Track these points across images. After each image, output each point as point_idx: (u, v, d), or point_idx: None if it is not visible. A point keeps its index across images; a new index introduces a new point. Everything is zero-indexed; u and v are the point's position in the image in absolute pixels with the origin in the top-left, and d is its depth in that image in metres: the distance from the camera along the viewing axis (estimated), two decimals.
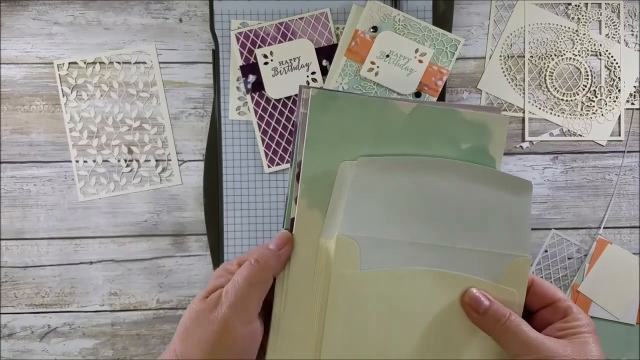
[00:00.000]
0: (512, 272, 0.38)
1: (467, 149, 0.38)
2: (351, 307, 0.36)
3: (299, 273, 0.37)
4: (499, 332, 0.36)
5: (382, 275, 0.36)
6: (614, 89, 0.72)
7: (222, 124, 0.69)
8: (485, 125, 0.38)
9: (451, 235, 0.37)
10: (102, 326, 0.71)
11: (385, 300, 0.36)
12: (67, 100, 0.70)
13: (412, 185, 0.37)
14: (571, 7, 0.72)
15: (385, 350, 0.36)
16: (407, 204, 0.37)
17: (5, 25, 0.70)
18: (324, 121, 0.37)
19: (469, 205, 0.37)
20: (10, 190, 0.70)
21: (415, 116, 0.37)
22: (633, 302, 0.70)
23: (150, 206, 0.71)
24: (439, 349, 0.37)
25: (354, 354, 0.36)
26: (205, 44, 0.71)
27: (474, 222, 0.38)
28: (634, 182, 0.72)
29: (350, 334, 0.36)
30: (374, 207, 0.36)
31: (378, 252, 0.36)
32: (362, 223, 0.36)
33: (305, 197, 0.36)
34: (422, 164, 0.37)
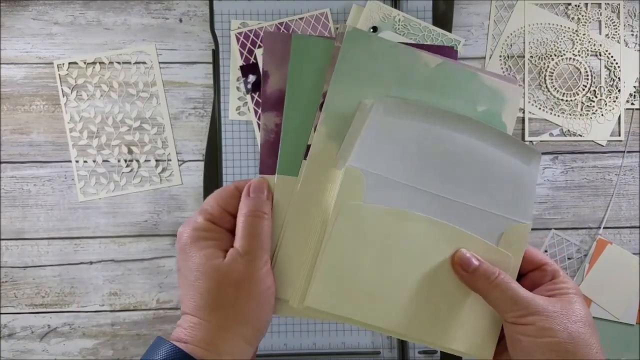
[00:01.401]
0: (511, 236, 0.38)
1: (482, 111, 0.39)
2: (349, 238, 0.36)
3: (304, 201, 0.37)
4: (488, 289, 0.36)
5: (384, 213, 0.37)
6: (614, 89, 0.72)
7: (222, 124, 0.69)
8: (501, 92, 0.39)
9: (457, 190, 0.38)
10: (102, 326, 0.71)
11: (383, 237, 0.37)
12: (67, 100, 0.70)
13: (428, 134, 0.38)
14: (571, 7, 0.72)
15: (374, 287, 0.37)
16: (419, 150, 0.38)
17: (5, 25, 0.70)
18: (354, 58, 0.37)
19: (479, 164, 0.38)
20: (10, 190, 0.70)
21: (439, 70, 0.38)
22: (633, 302, 0.70)
23: (150, 206, 0.71)
24: (427, 296, 0.37)
25: (343, 283, 0.36)
26: (205, 44, 0.71)
27: (482, 181, 0.38)
28: (634, 182, 0.72)
29: (343, 263, 0.36)
30: (387, 146, 0.37)
31: (384, 191, 0.37)
32: (373, 160, 0.37)
33: (325, 126, 0.37)
34: (441, 115, 0.38)
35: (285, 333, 0.69)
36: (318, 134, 0.37)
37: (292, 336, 0.69)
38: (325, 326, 0.69)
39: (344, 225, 0.36)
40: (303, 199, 0.37)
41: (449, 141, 0.38)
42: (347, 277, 0.36)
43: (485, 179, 0.38)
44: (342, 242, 0.36)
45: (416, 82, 0.38)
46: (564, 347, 0.34)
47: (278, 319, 0.68)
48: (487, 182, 0.38)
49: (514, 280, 0.37)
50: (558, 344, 0.34)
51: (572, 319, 0.35)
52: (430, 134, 0.38)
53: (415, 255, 0.37)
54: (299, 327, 0.69)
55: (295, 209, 0.37)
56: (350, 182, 0.36)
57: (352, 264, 0.36)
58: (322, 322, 0.69)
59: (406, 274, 0.37)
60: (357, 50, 0.37)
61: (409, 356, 0.68)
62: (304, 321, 0.69)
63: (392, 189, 0.37)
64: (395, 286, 0.37)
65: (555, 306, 0.35)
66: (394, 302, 0.37)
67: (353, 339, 0.69)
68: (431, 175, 0.38)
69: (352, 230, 0.36)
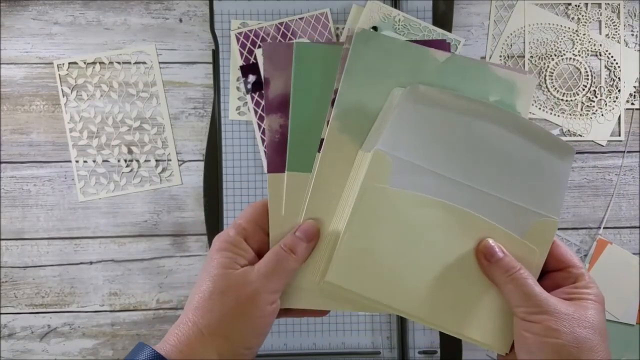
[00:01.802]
0: (538, 230, 0.38)
1: (494, 101, 0.39)
2: (372, 219, 0.37)
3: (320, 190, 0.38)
4: (505, 281, 0.36)
5: (409, 197, 0.37)
6: (614, 89, 0.72)
7: (222, 124, 0.69)
8: (513, 83, 0.39)
9: (486, 180, 0.38)
10: (102, 326, 0.71)
11: (407, 222, 0.37)
12: (67, 100, 0.70)
13: (458, 122, 0.38)
14: (571, 7, 0.72)
15: (394, 269, 0.37)
16: (449, 139, 0.38)
17: (5, 25, 0.70)
18: (364, 56, 0.38)
19: (510, 156, 0.38)
20: (10, 190, 0.70)
21: (448, 64, 0.39)
22: (633, 302, 0.70)
23: (150, 206, 0.71)
24: (447, 283, 0.37)
25: (364, 262, 0.37)
26: (205, 44, 0.71)
27: (512, 173, 0.38)
28: (634, 182, 0.72)
29: (365, 243, 0.37)
30: (416, 133, 0.38)
31: (410, 176, 0.37)
32: (401, 145, 0.37)
33: (338, 120, 0.38)
34: (473, 104, 0.38)
35: (285, 333, 0.69)
36: (331, 128, 0.38)
37: (292, 336, 0.69)
38: (325, 326, 0.69)
39: (368, 206, 0.36)
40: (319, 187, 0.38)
41: (480, 131, 0.38)
42: (368, 257, 0.37)
43: (516, 171, 0.38)
44: (366, 222, 0.37)
45: (425, 76, 0.39)
46: (568, 349, 0.34)
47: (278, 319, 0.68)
48: (517, 174, 0.38)
49: (533, 278, 0.36)
50: (562, 346, 0.34)
51: (583, 324, 0.34)
52: (462, 123, 0.38)
53: (438, 242, 0.37)
54: (299, 327, 0.69)
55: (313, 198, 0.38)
56: (378, 165, 0.37)
57: (374, 245, 0.37)
58: (322, 322, 0.69)
59: (428, 260, 0.37)
60: (366, 49, 0.38)
61: (409, 356, 0.68)
62: (304, 321, 0.69)
63: (419, 176, 0.37)
64: (416, 270, 0.37)
65: (568, 309, 0.35)
66: (414, 285, 0.37)
67: (353, 339, 0.69)
68: (460, 164, 0.38)
69: (376, 211, 0.37)
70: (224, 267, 0.35)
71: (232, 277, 0.35)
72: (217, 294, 0.34)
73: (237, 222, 0.38)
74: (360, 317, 0.69)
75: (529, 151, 0.38)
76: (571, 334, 0.34)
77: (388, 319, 0.69)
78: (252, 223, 0.38)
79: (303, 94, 0.39)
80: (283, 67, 0.39)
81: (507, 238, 0.37)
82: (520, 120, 0.39)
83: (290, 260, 0.36)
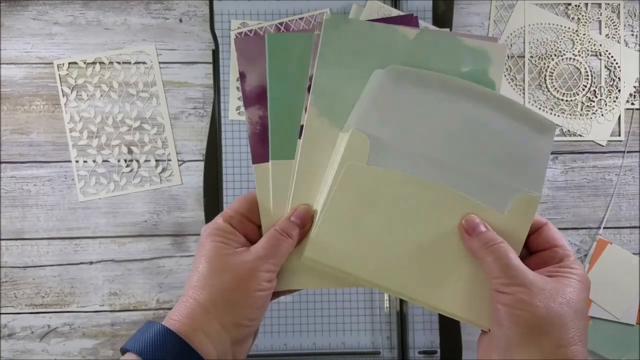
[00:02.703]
0: (519, 206, 0.38)
1: (467, 71, 0.40)
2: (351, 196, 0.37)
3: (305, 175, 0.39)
4: (485, 254, 0.36)
5: (387, 175, 0.38)
6: (614, 89, 0.72)
7: (222, 124, 0.69)
8: (485, 52, 0.40)
9: (466, 158, 0.38)
10: (102, 326, 0.71)
11: (386, 199, 0.37)
12: (67, 100, 0.70)
13: (437, 101, 0.38)
14: (571, 7, 0.72)
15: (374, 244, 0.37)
16: (428, 117, 0.38)
17: (5, 25, 0.70)
18: (335, 41, 0.39)
19: (491, 133, 0.38)
20: (10, 190, 0.70)
21: (418, 41, 0.39)
22: (633, 302, 0.70)
23: (150, 206, 0.71)
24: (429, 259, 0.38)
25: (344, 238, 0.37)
26: (205, 44, 0.71)
27: (492, 150, 0.38)
28: (634, 182, 0.72)
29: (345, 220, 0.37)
30: (394, 112, 0.38)
31: (388, 155, 0.38)
32: (379, 124, 0.38)
33: (315, 106, 0.39)
34: (451, 82, 0.39)
35: (285, 333, 0.69)
36: (309, 114, 0.39)
37: (292, 336, 0.69)
38: (325, 326, 0.69)
39: (346, 184, 0.37)
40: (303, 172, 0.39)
41: (459, 109, 0.38)
42: (346, 233, 0.37)
43: (495, 148, 0.38)
44: (344, 200, 0.37)
45: (397, 55, 0.39)
46: (538, 323, 0.33)
47: (278, 319, 0.68)
48: (497, 151, 0.38)
49: (513, 252, 0.36)
50: (532, 319, 0.33)
51: (558, 300, 0.34)
52: (441, 102, 0.38)
53: (418, 218, 0.38)
54: (299, 327, 0.69)
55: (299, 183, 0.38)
56: (355, 144, 0.37)
57: (353, 222, 0.37)
58: (322, 322, 0.69)
59: (408, 236, 0.38)
60: (337, 34, 0.39)
61: (409, 356, 0.68)
62: (303, 321, 0.69)
63: (398, 154, 0.38)
64: (396, 247, 0.37)
65: (545, 284, 0.34)
66: (395, 261, 0.37)
67: (353, 339, 0.69)
68: (440, 142, 0.38)
69: (354, 189, 0.37)
70: (218, 249, 0.36)
71: (229, 257, 0.36)
72: (215, 272, 0.35)
73: (225, 211, 0.39)
74: (360, 317, 0.69)
75: (508, 128, 0.38)
76: (544, 309, 0.33)
77: (388, 319, 0.69)
78: (239, 214, 0.38)
79: (279, 84, 0.39)
80: (256, 60, 0.40)
81: (488, 214, 0.38)
82: (499, 97, 0.39)
83: (286, 243, 0.37)
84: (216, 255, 0.36)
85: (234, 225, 0.38)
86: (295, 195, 0.39)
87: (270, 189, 0.39)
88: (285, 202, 0.39)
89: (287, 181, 0.39)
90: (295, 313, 0.69)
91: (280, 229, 0.37)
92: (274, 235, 0.37)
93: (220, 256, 0.36)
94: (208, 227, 0.38)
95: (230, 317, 0.35)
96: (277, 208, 0.39)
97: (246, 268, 0.35)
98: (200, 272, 0.36)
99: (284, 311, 0.69)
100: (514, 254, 0.36)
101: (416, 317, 0.68)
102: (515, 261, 0.35)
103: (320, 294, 0.69)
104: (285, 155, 0.39)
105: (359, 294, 0.69)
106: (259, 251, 0.36)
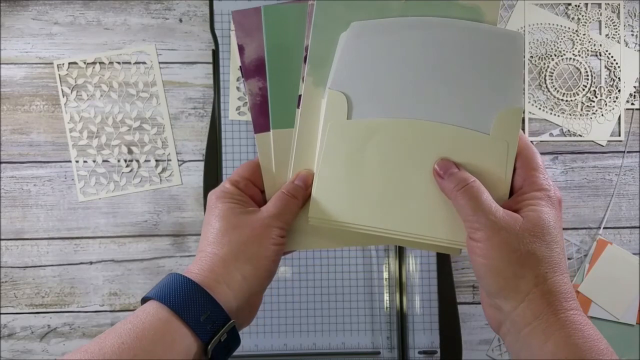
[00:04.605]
0: (503, 122, 0.38)
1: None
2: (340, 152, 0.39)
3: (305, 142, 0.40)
4: (457, 196, 0.36)
5: (369, 124, 0.39)
6: (614, 89, 0.72)
7: (222, 124, 0.69)
8: (478, 8, 0.40)
9: (441, 88, 0.39)
10: (102, 326, 0.71)
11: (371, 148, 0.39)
12: (67, 100, 0.70)
13: (401, 41, 0.39)
14: (571, 7, 0.72)
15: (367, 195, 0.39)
16: (397, 59, 0.39)
17: (5, 25, 0.70)
18: (329, 8, 0.40)
19: (459, 58, 0.39)
20: (10, 190, 0.70)
21: (411, 2, 0.40)
22: (633, 302, 0.70)
23: (150, 206, 0.71)
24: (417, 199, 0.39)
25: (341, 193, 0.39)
26: (205, 44, 0.71)
27: (465, 74, 0.39)
28: (634, 182, 0.72)
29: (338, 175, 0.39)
30: (364, 65, 0.39)
31: (367, 106, 0.39)
32: (353, 80, 0.39)
33: (312, 75, 0.40)
34: (411, 23, 0.39)
35: (285, 333, 0.69)
36: (306, 83, 0.40)
37: (292, 336, 0.69)
38: (325, 326, 0.69)
39: (332, 142, 0.39)
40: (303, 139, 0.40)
41: (424, 43, 0.39)
42: (342, 188, 0.39)
43: (468, 71, 0.38)
44: (334, 156, 0.39)
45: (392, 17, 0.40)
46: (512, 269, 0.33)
47: (278, 319, 0.68)
48: (470, 74, 0.38)
49: (486, 191, 0.35)
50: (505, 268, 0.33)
51: (528, 239, 0.33)
52: (406, 42, 0.39)
53: (405, 158, 0.38)
54: (299, 327, 0.69)
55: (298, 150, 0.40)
56: (334, 103, 0.39)
57: (346, 175, 0.39)
58: (322, 322, 0.69)
59: (398, 177, 0.39)
60: (330, 1, 0.40)
61: (409, 356, 0.68)
62: (303, 321, 0.69)
63: (375, 103, 0.39)
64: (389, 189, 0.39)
65: (515, 224, 0.34)
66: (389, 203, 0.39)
67: (353, 339, 0.69)
68: (412, 80, 0.39)
69: (341, 145, 0.39)
70: (231, 209, 0.38)
71: (243, 215, 0.38)
72: (231, 228, 0.37)
73: (231, 177, 0.41)
74: (360, 317, 0.69)
75: (475, 48, 0.39)
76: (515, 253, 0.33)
77: (388, 319, 0.69)
78: (245, 179, 0.40)
79: (277, 55, 0.40)
80: (254, 32, 0.41)
81: (473, 138, 0.38)
82: (458, 22, 0.39)
83: (293, 203, 0.39)
84: (231, 214, 0.38)
85: (240, 189, 0.40)
86: (296, 161, 0.40)
87: (272, 157, 0.40)
88: (286, 168, 0.40)
89: (288, 148, 0.40)
90: (295, 313, 0.69)
91: (286, 191, 0.39)
92: (282, 196, 0.39)
93: (235, 214, 0.38)
94: (215, 191, 0.40)
95: (250, 267, 0.37)
96: (280, 174, 0.41)
97: (261, 224, 0.37)
98: (217, 229, 0.38)
99: (284, 311, 0.69)
100: (486, 193, 0.35)
101: (416, 317, 0.68)
102: (488, 202, 0.35)
103: (321, 294, 0.69)
104: (285, 124, 0.40)
105: (359, 294, 0.69)
106: (270, 209, 0.38)
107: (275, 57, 0.40)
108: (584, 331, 0.31)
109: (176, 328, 0.33)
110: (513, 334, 0.34)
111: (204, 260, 0.37)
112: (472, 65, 0.39)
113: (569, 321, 0.32)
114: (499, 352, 0.71)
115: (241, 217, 0.38)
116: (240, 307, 0.37)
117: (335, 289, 0.69)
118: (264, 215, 0.38)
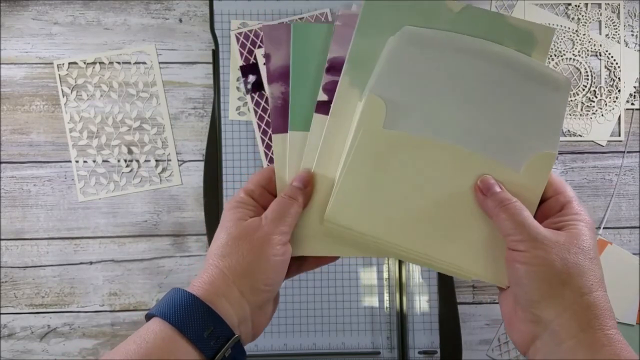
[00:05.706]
0: (535, 165, 0.38)
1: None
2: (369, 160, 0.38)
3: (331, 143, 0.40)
4: (498, 212, 0.36)
5: (404, 138, 0.38)
6: (614, 89, 0.72)
7: (222, 124, 0.69)
8: (531, 33, 0.39)
9: (482, 118, 0.38)
10: (102, 326, 0.71)
11: (404, 162, 0.38)
12: (67, 101, 0.70)
13: (452, 61, 0.38)
14: (571, 7, 0.72)
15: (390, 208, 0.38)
16: (443, 78, 0.38)
17: (5, 25, 0.70)
18: (375, 10, 0.39)
19: (506, 92, 0.38)
20: (10, 190, 0.70)
21: (463, 14, 0.39)
22: (633, 302, 0.70)
23: (150, 206, 0.71)
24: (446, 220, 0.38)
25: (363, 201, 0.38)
26: (205, 44, 0.71)
27: (508, 109, 0.38)
28: (634, 182, 0.72)
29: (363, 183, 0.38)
30: (409, 75, 0.38)
31: (405, 119, 0.38)
32: (395, 88, 0.38)
33: (348, 75, 0.40)
34: (465, 43, 0.39)
35: (285, 333, 0.69)
36: (342, 81, 0.39)
37: (292, 336, 0.69)
38: (325, 326, 0.69)
39: (363, 147, 0.38)
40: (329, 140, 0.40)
41: (475, 68, 0.38)
42: (365, 196, 0.38)
43: (510, 107, 0.38)
44: (362, 163, 0.38)
45: (439, 27, 0.39)
46: (558, 277, 0.33)
47: (278, 319, 0.68)
48: (513, 109, 0.38)
49: (527, 210, 0.36)
50: (551, 274, 0.33)
51: (573, 250, 0.34)
52: (456, 63, 0.38)
53: (435, 179, 0.38)
54: (299, 327, 0.69)
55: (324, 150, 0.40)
56: (372, 108, 0.38)
57: (371, 184, 0.38)
58: (322, 322, 0.69)
59: (426, 197, 0.38)
60: (377, 5, 0.39)
61: (409, 356, 0.68)
62: (303, 321, 0.69)
63: (416, 116, 0.38)
64: (414, 207, 0.38)
65: (559, 238, 0.34)
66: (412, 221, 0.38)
67: (353, 339, 0.69)
68: (455, 103, 0.38)
69: (371, 152, 0.38)
70: (236, 219, 0.38)
71: (244, 225, 0.38)
72: (232, 241, 0.37)
73: (246, 186, 0.41)
74: (360, 317, 0.69)
75: (524, 86, 0.38)
76: (561, 261, 0.33)
77: (388, 319, 0.69)
78: (259, 186, 0.41)
79: (301, 65, 0.42)
80: (282, 44, 0.42)
81: (504, 173, 0.38)
82: (514, 55, 0.39)
83: (293, 205, 0.38)
84: (234, 225, 0.38)
85: (255, 198, 0.40)
86: (307, 164, 0.40)
87: (287, 158, 0.41)
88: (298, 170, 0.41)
89: (302, 150, 0.41)
90: (295, 313, 0.69)
91: (284, 194, 0.39)
92: (280, 200, 0.39)
93: (238, 225, 0.38)
94: (231, 201, 0.40)
95: (248, 281, 0.36)
96: (292, 176, 0.41)
97: (260, 234, 0.37)
98: (221, 240, 0.38)
99: (284, 311, 0.69)
100: (527, 212, 0.36)
101: (416, 317, 0.68)
102: (529, 219, 0.35)
103: (321, 294, 0.69)
104: (302, 127, 0.41)
105: (359, 294, 0.69)
106: (269, 216, 0.38)
107: (299, 67, 0.41)
108: (630, 351, 0.32)
109: (180, 346, 0.33)
110: (550, 347, 0.33)
111: (206, 273, 0.37)
112: (518, 103, 0.38)
113: (615, 339, 0.32)
114: (499, 352, 0.71)
115: (242, 227, 0.38)
116: (243, 322, 0.36)
117: (335, 289, 0.69)
118: (262, 224, 0.38)
